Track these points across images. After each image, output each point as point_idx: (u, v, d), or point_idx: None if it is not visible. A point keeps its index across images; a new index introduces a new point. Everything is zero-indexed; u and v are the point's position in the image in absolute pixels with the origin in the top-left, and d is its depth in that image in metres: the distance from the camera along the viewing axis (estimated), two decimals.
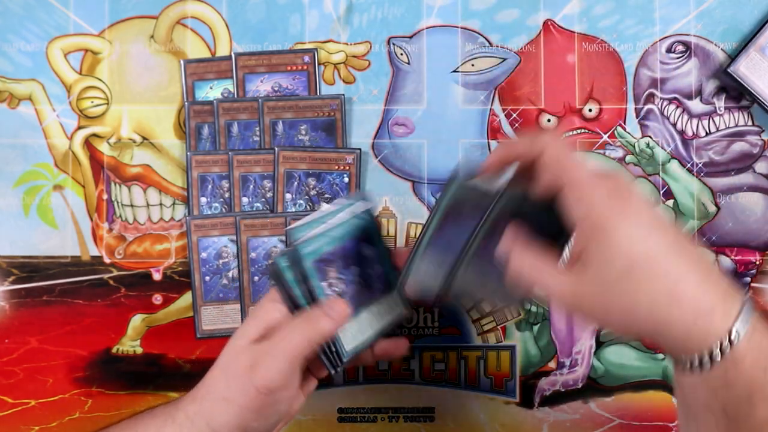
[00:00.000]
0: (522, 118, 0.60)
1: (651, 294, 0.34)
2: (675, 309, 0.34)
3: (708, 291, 0.34)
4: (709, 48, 0.60)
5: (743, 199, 0.59)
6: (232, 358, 0.44)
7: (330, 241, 0.47)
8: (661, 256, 0.35)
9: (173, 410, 0.45)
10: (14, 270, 0.59)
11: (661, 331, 0.35)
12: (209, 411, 0.43)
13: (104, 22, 0.60)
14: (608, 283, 0.35)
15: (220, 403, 0.43)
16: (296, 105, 0.59)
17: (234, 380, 0.43)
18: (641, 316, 0.35)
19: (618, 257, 0.35)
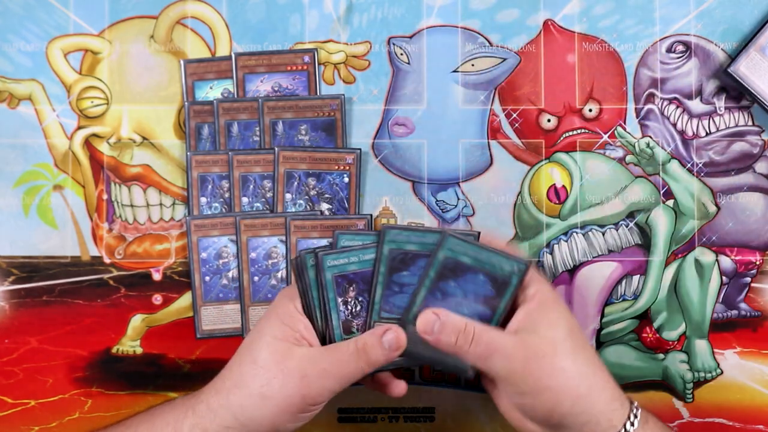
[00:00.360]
0: (522, 118, 0.60)
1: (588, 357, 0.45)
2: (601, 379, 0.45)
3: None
4: (709, 48, 0.60)
5: (743, 199, 0.59)
6: (278, 359, 0.44)
7: (358, 262, 0.47)
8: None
9: (194, 402, 0.45)
10: (14, 270, 0.59)
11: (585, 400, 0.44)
12: (240, 403, 0.44)
13: (104, 22, 0.60)
14: (555, 343, 0.44)
15: (256, 399, 0.43)
16: (296, 105, 0.59)
17: (277, 381, 0.43)
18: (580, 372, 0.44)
19: (563, 321, 0.45)
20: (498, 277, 0.46)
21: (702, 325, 0.59)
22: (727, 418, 0.59)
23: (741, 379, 0.59)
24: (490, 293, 0.46)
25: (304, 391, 0.43)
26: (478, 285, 0.46)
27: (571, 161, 0.60)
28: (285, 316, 0.46)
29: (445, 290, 0.46)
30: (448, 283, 0.46)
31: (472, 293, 0.46)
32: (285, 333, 0.45)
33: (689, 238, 0.59)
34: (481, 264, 0.46)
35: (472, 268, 0.46)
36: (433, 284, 0.46)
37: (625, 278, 0.59)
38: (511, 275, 0.46)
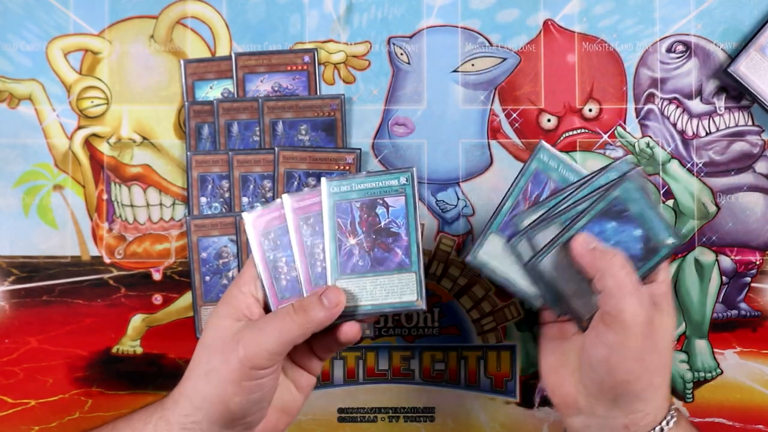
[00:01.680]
0: (522, 118, 0.60)
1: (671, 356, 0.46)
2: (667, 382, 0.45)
3: None
4: (709, 48, 0.60)
5: (743, 199, 0.59)
6: (220, 335, 0.45)
7: None
8: None
9: (165, 398, 0.46)
10: (14, 270, 0.59)
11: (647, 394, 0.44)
12: (192, 386, 0.44)
13: (104, 22, 0.60)
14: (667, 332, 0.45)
15: (202, 378, 0.44)
16: (296, 105, 0.59)
17: (217, 353, 0.44)
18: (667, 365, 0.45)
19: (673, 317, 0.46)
20: (652, 240, 0.46)
21: (702, 325, 0.59)
22: (727, 418, 0.59)
23: (741, 379, 0.59)
24: (638, 253, 0.46)
25: (240, 354, 0.43)
26: (630, 239, 0.46)
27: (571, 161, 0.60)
28: (230, 297, 0.47)
29: (603, 228, 0.46)
30: (609, 222, 0.46)
31: (624, 243, 0.46)
32: (228, 311, 0.46)
33: (689, 238, 0.59)
34: (645, 220, 0.46)
35: (635, 220, 0.46)
36: (598, 216, 0.46)
37: None
38: (663, 246, 0.46)
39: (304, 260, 0.48)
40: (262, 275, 0.47)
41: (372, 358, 0.60)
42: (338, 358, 0.60)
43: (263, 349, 0.43)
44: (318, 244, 0.48)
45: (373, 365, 0.60)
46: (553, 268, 0.46)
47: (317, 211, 0.48)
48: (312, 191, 0.48)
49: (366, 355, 0.60)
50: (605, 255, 0.44)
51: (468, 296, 0.59)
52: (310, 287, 0.47)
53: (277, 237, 0.48)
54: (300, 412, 0.58)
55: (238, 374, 0.43)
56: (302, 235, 0.48)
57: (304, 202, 0.48)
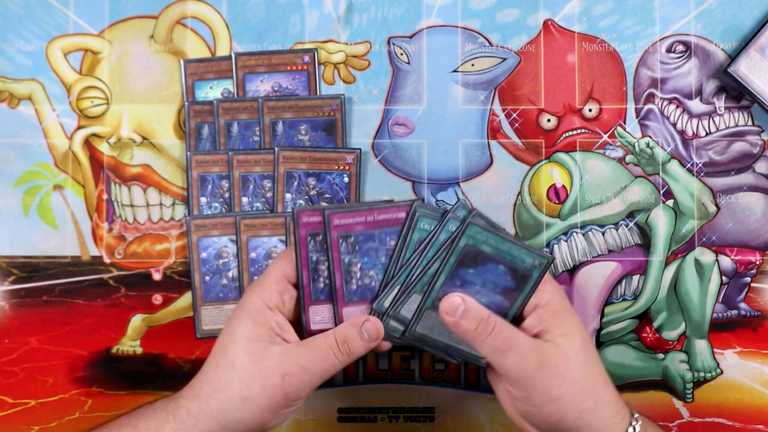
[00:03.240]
0: (522, 118, 0.60)
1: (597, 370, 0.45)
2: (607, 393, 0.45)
3: None
4: (709, 48, 0.60)
5: (743, 199, 0.59)
6: (255, 360, 0.44)
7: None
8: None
9: (173, 406, 0.45)
10: (14, 270, 0.59)
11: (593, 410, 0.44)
12: (221, 408, 0.43)
13: (104, 22, 0.60)
14: (569, 354, 0.44)
15: (237, 402, 0.43)
16: (296, 105, 0.59)
17: (258, 382, 0.43)
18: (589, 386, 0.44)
19: (578, 333, 0.45)
20: (519, 269, 0.46)
21: (702, 325, 0.59)
22: (727, 418, 0.59)
23: (741, 379, 0.59)
24: (510, 285, 0.46)
25: (286, 389, 0.44)
26: (497, 275, 0.46)
27: (571, 161, 0.60)
28: (256, 314, 0.45)
29: (464, 278, 0.46)
30: (467, 270, 0.46)
31: (491, 283, 0.46)
32: (259, 333, 0.45)
33: (689, 238, 0.59)
34: (502, 255, 0.46)
35: (493, 258, 0.46)
36: (453, 270, 0.46)
37: (625, 278, 0.59)
38: (532, 269, 0.46)
39: (340, 278, 0.48)
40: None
41: (372, 358, 0.60)
42: None
43: (308, 386, 0.44)
44: (356, 263, 0.48)
45: (373, 365, 0.60)
46: (429, 331, 0.47)
47: (358, 231, 0.48)
48: (356, 211, 0.48)
49: (366, 355, 0.60)
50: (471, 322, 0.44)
51: None
52: (342, 303, 0.48)
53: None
54: (300, 411, 0.58)
55: (280, 405, 0.44)
56: (340, 252, 0.48)
57: (346, 220, 0.48)
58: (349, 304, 0.48)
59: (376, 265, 0.48)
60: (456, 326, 0.45)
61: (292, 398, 0.44)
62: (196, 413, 0.44)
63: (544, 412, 0.43)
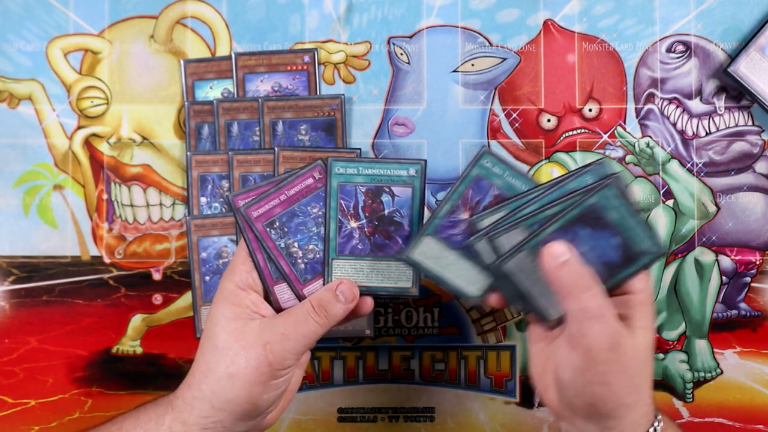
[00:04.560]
0: (522, 118, 0.60)
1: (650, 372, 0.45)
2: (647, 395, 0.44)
3: None
4: (709, 48, 0.60)
5: (743, 199, 0.59)
6: (236, 337, 0.45)
7: None
8: None
9: (172, 398, 0.46)
10: (14, 270, 0.59)
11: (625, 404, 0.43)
12: (212, 390, 0.44)
13: (104, 22, 0.60)
14: (639, 349, 0.43)
15: (225, 381, 0.44)
16: (296, 105, 0.59)
17: (241, 356, 0.44)
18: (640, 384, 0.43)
19: (651, 331, 0.44)
20: (632, 248, 0.44)
21: (702, 325, 0.59)
22: (727, 418, 0.59)
23: (741, 379, 0.59)
24: (616, 260, 0.44)
25: (269, 358, 0.44)
26: (609, 246, 0.44)
27: (571, 161, 0.60)
28: (230, 295, 0.47)
29: (577, 234, 0.44)
30: (584, 229, 0.44)
31: (600, 251, 0.44)
32: (235, 312, 0.46)
33: (689, 237, 0.59)
34: (624, 228, 0.44)
35: (614, 227, 0.44)
36: (570, 223, 0.44)
37: None
38: (645, 254, 0.44)
39: (286, 263, 0.49)
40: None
41: (372, 358, 0.60)
42: (338, 358, 0.60)
43: (291, 353, 0.45)
44: (293, 244, 0.49)
45: (373, 365, 0.60)
46: (518, 271, 0.45)
47: (280, 213, 0.49)
48: (268, 196, 0.48)
49: (366, 355, 0.60)
50: (571, 275, 0.42)
51: None
52: (299, 285, 0.49)
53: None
54: (300, 411, 0.58)
55: (266, 376, 0.45)
56: (273, 240, 0.48)
57: (262, 208, 0.48)
58: (306, 283, 0.49)
59: (311, 237, 0.49)
60: (555, 272, 0.42)
61: (276, 367, 0.45)
62: (191, 400, 0.45)
63: (589, 391, 0.42)
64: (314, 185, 0.49)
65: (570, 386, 0.43)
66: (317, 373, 0.59)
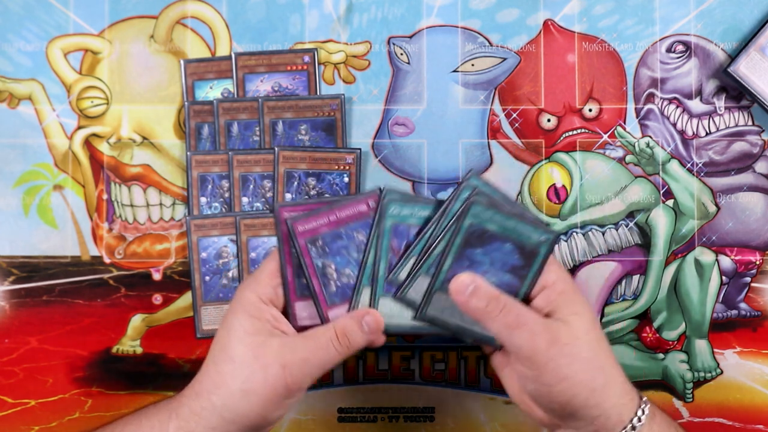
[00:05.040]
0: (522, 118, 0.60)
1: (607, 350, 0.45)
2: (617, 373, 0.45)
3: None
4: (709, 48, 0.60)
5: (743, 199, 0.60)
6: (255, 353, 0.44)
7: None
8: None
9: (176, 405, 0.45)
10: (14, 270, 0.59)
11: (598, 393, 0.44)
12: (223, 403, 0.44)
13: (104, 22, 0.60)
14: (579, 333, 0.43)
15: (238, 395, 0.44)
16: (296, 105, 0.59)
17: (258, 375, 0.44)
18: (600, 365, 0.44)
19: (587, 312, 0.45)
20: (526, 246, 0.45)
21: (702, 325, 0.59)
22: (727, 418, 0.59)
23: (741, 379, 0.59)
24: (518, 262, 0.45)
25: (287, 380, 0.44)
26: (505, 253, 0.45)
27: (571, 161, 0.60)
28: (251, 308, 0.46)
29: (472, 258, 0.45)
30: (474, 250, 0.45)
31: (499, 261, 0.45)
32: (255, 326, 0.45)
33: (689, 237, 0.59)
34: (508, 232, 0.45)
35: (499, 236, 0.45)
36: (460, 251, 0.45)
37: (625, 278, 0.59)
38: (539, 245, 0.45)
39: (318, 283, 0.48)
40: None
41: (372, 358, 0.60)
42: None
43: (309, 377, 0.45)
44: (330, 265, 0.48)
45: (373, 365, 0.60)
46: (440, 313, 0.46)
47: (324, 233, 0.48)
48: (317, 214, 0.48)
49: (366, 355, 0.60)
50: (481, 300, 0.44)
51: None
52: (325, 306, 0.48)
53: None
54: (300, 411, 0.58)
55: (281, 396, 0.44)
56: (311, 257, 0.48)
57: (309, 225, 0.48)
58: (332, 306, 0.48)
59: (350, 262, 0.48)
60: (466, 305, 0.44)
61: (293, 389, 0.44)
62: (199, 411, 0.44)
63: (555, 391, 0.43)
64: (366, 212, 0.48)
65: (538, 395, 0.44)
66: None
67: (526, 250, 0.45)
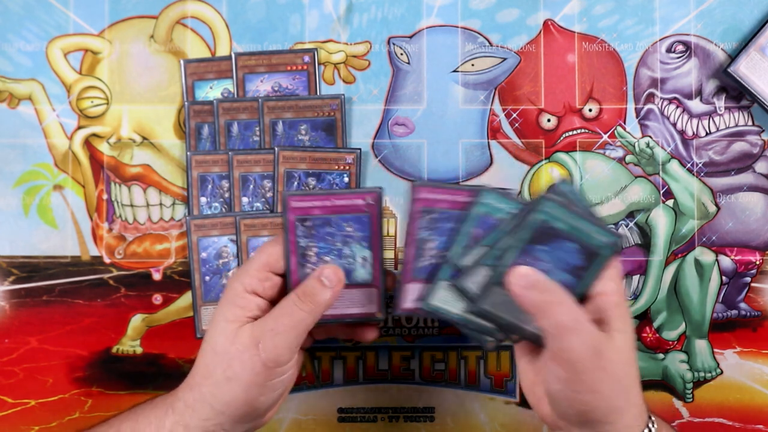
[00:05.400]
0: (522, 118, 0.60)
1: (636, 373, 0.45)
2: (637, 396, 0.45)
3: None
4: (709, 48, 0.60)
5: (743, 199, 0.59)
6: (228, 340, 0.44)
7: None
8: None
9: (172, 400, 0.46)
10: (14, 270, 0.59)
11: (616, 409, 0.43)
12: (211, 393, 0.44)
13: (104, 22, 0.60)
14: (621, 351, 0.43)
15: (223, 384, 0.44)
16: (296, 105, 0.59)
17: (236, 359, 0.44)
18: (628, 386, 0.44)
19: (630, 330, 0.44)
20: (589, 246, 0.44)
21: (702, 325, 0.59)
22: (727, 418, 0.59)
23: (741, 379, 0.59)
24: (579, 262, 0.45)
25: (261, 357, 0.44)
26: (568, 253, 0.45)
27: (571, 161, 0.60)
28: (234, 297, 0.46)
29: (535, 254, 0.45)
30: (539, 247, 0.44)
31: (561, 260, 0.45)
32: (236, 314, 0.45)
33: (689, 237, 0.59)
34: (575, 232, 0.44)
35: (565, 235, 0.44)
36: (525, 247, 0.44)
37: (625, 278, 0.59)
38: (602, 247, 0.44)
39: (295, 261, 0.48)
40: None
41: (372, 358, 0.60)
42: (338, 358, 0.60)
43: (282, 348, 0.44)
44: (311, 248, 0.48)
45: (373, 365, 0.60)
46: (494, 307, 0.45)
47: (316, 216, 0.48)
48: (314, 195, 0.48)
49: (366, 355, 0.60)
50: (541, 293, 0.43)
51: None
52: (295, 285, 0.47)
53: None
54: (300, 411, 0.58)
55: (262, 377, 0.44)
56: (296, 235, 0.48)
57: (303, 203, 0.48)
58: None
59: (331, 251, 0.48)
60: (524, 297, 0.43)
61: (271, 365, 0.44)
62: (192, 403, 0.45)
63: (579, 400, 0.42)
64: (361, 208, 0.48)
65: (560, 397, 0.43)
66: (317, 373, 0.59)
67: (589, 251, 0.44)
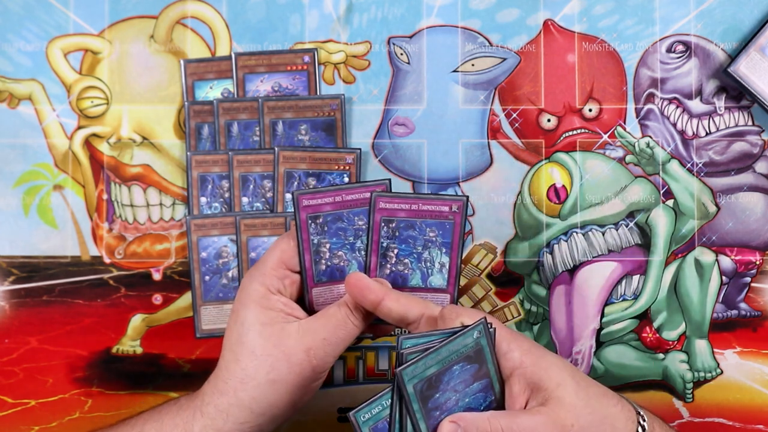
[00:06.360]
0: (522, 118, 0.60)
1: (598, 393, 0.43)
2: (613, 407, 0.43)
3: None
4: (709, 48, 0.60)
5: (743, 199, 0.60)
6: (275, 342, 0.45)
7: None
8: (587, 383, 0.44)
9: (199, 403, 0.45)
10: (14, 270, 0.59)
11: None
12: (252, 397, 0.44)
13: (104, 22, 0.60)
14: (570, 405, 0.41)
15: (266, 387, 0.44)
16: (296, 105, 0.59)
17: (282, 362, 0.44)
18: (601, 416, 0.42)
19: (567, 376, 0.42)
20: (469, 353, 0.42)
21: (702, 325, 0.59)
22: (727, 418, 0.59)
23: (741, 379, 0.59)
24: (474, 368, 0.42)
25: (313, 363, 0.45)
26: (460, 374, 0.42)
27: (571, 161, 0.60)
28: (261, 299, 0.46)
29: (437, 406, 0.42)
30: (435, 399, 0.42)
31: (461, 384, 0.42)
32: (270, 316, 0.45)
33: (689, 238, 0.59)
34: (448, 359, 0.42)
35: (444, 370, 0.41)
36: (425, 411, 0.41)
37: (625, 278, 0.59)
38: (477, 341, 0.42)
39: (309, 259, 0.48)
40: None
41: (372, 358, 0.60)
42: (338, 357, 0.59)
43: (332, 356, 0.46)
44: (324, 244, 0.49)
45: (373, 365, 0.60)
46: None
47: (327, 212, 0.49)
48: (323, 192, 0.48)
49: (366, 355, 0.60)
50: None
51: (468, 296, 0.59)
52: (311, 283, 0.49)
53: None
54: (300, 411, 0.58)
55: (309, 380, 0.45)
56: (309, 233, 0.48)
57: (314, 201, 0.48)
58: (318, 284, 0.49)
59: (344, 245, 0.49)
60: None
61: (319, 371, 0.45)
62: (226, 407, 0.44)
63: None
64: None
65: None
66: None
67: (473, 356, 0.42)
